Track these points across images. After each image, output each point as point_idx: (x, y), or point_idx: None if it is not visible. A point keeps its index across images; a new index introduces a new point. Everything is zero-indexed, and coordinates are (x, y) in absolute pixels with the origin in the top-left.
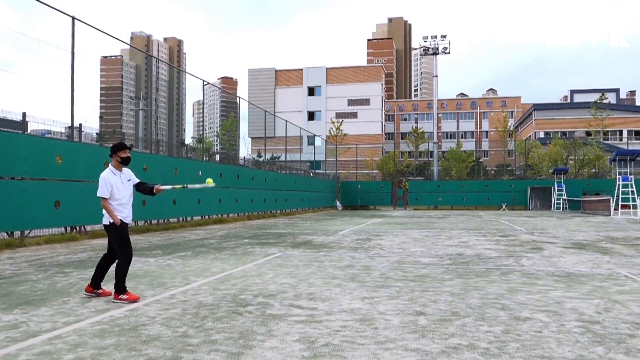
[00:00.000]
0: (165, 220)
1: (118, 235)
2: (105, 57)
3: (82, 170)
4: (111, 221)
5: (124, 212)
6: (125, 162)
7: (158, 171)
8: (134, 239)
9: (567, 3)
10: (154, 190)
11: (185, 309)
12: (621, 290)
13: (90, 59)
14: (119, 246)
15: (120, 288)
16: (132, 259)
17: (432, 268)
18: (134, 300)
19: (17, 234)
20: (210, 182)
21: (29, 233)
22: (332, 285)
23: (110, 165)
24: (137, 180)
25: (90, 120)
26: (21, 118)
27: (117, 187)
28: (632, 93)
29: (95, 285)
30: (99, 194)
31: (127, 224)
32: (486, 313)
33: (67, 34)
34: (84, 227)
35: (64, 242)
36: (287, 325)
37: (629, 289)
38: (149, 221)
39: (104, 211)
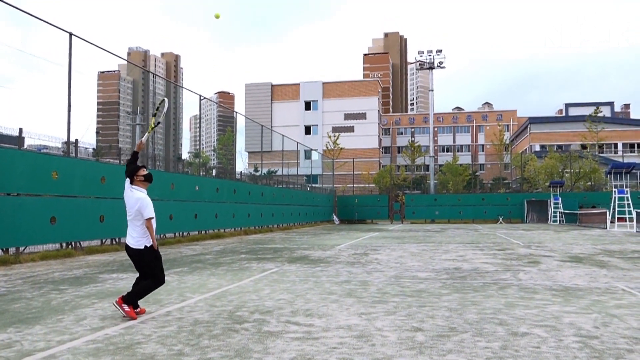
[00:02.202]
0: (162, 235)
1: (155, 257)
2: (103, 72)
3: (79, 185)
4: (148, 244)
5: (155, 230)
6: (148, 178)
7: (155, 186)
8: None
9: (566, 7)
10: (137, 150)
11: (181, 327)
12: (619, 305)
13: (87, 74)
14: (155, 268)
15: (131, 301)
16: (130, 276)
17: (430, 283)
18: (132, 318)
19: (12, 250)
20: (218, 15)
21: (24, 249)
22: (329, 301)
23: (137, 187)
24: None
25: (87, 136)
26: (17, 133)
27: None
28: (627, 106)
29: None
30: (150, 214)
31: None
32: (484, 328)
33: (65, 49)
34: (80, 243)
35: (60, 258)
36: (284, 342)
37: (626, 303)
38: None
39: (139, 234)
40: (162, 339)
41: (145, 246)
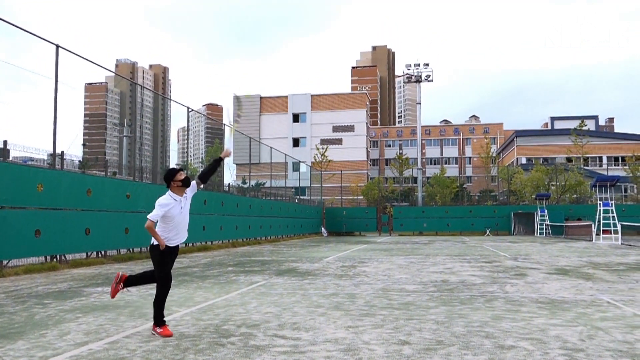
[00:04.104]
0: (149, 248)
1: (158, 258)
2: (90, 84)
3: (64, 198)
4: (155, 243)
5: (177, 235)
6: (185, 183)
7: (141, 198)
8: (115, 268)
9: (557, 18)
10: (223, 157)
11: (167, 341)
12: (604, 317)
13: (74, 86)
14: (155, 265)
15: (158, 320)
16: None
17: (417, 295)
18: (167, 335)
19: None
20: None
21: (7, 263)
22: (316, 314)
23: (169, 192)
24: (195, 181)
25: (73, 148)
26: (2, 145)
27: (173, 211)
28: (611, 120)
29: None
30: (152, 216)
31: (176, 249)
32: (470, 342)
33: (52, 61)
34: (65, 256)
35: (44, 271)
36: (271, 356)
37: (611, 316)
38: (131, 249)
39: (159, 231)
40: (147, 354)
41: (152, 244)
